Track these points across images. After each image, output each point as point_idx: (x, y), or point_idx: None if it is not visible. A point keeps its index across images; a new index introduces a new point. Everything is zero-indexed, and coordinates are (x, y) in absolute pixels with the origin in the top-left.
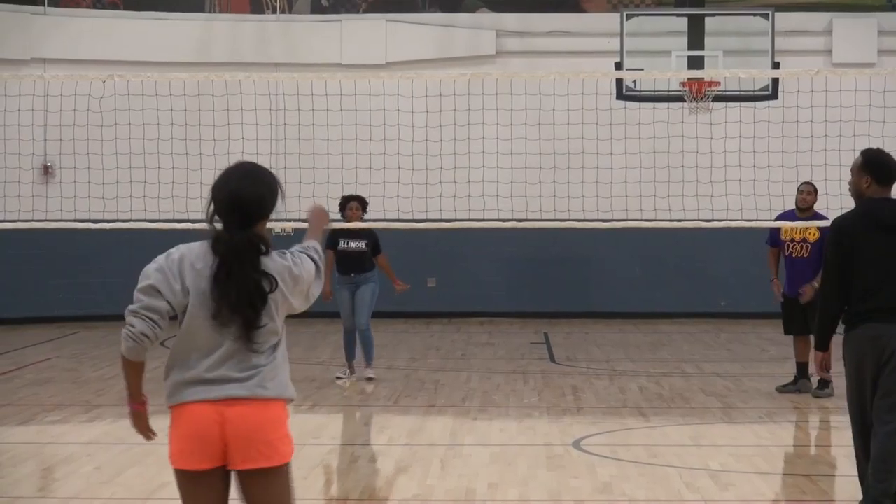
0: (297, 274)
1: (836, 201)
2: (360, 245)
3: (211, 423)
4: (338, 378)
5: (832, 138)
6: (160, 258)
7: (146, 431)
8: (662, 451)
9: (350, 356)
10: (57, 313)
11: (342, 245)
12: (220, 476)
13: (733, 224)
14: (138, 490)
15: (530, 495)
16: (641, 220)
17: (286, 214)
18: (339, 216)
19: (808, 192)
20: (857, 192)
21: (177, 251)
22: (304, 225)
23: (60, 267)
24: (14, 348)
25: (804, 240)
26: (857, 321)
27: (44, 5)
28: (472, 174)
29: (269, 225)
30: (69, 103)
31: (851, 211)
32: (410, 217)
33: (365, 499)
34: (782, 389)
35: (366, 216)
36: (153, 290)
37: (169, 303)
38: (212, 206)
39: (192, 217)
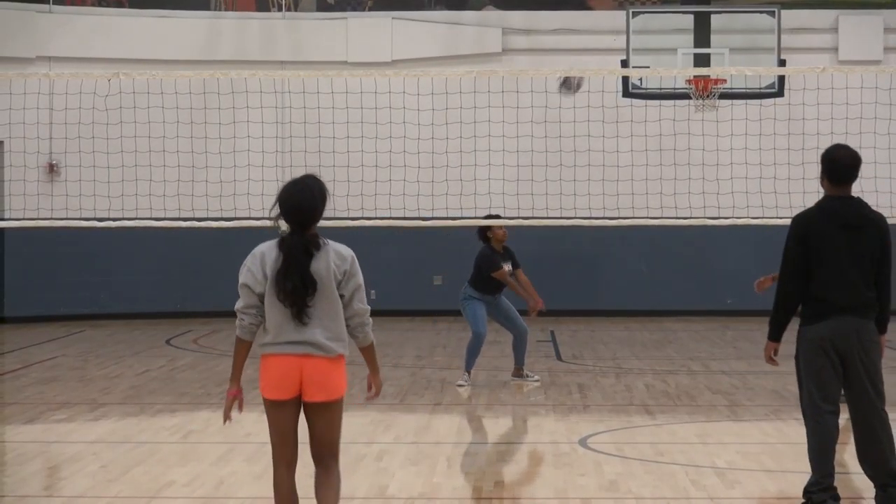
0: (347, 295)
1: None
2: (510, 268)
3: (289, 369)
4: (459, 385)
5: (838, 135)
6: (247, 259)
7: (226, 413)
8: (669, 449)
9: (470, 364)
10: (63, 312)
11: (504, 268)
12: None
13: (739, 222)
14: (144, 488)
15: (537, 493)
16: (648, 217)
17: None
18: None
19: None
20: (821, 184)
21: (258, 249)
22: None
23: (66, 265)
24: (20, 347)
25: None
26: (816, 317)
27: (49, 3)
28: (478, 171)
29: (276, 224)
30: (75, 101)
31: (811, 207)
32: (417, 214)
33: (371, 497)
34: None
35: (368, 214)
36: (246, 288)
37: (258, 294)
38: (277, 210)
39: (197, 215)
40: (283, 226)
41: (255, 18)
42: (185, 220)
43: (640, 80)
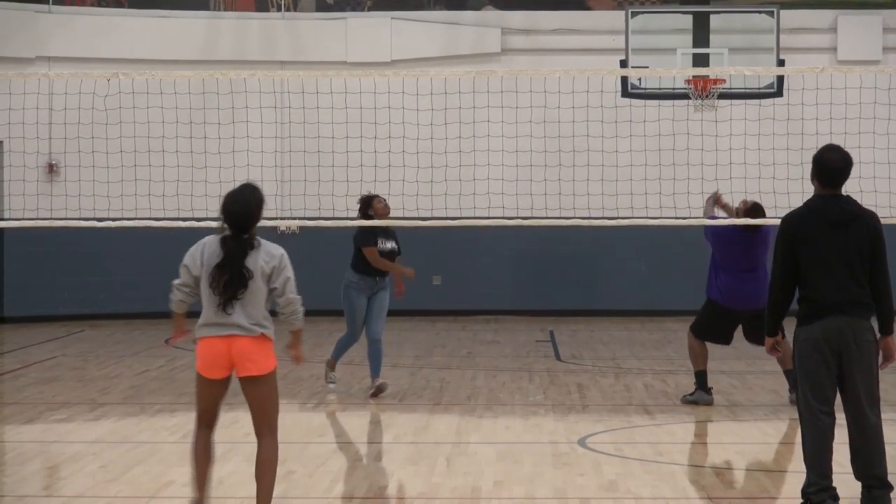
0: (278, 287)
1: None
2: (392, 245)
3: (219, 350)
4: (330, 384)
5: (837, 136)
6: (193, 246)
7: (175, 338)
8: (668, 449)
9: (338, 355)
10: (62, 312)
11: (380, 244)
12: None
13: (739, 221)
14: (144, 488)
15: (536, 493)
16: (647, 217)
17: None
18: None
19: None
20: (812, 183)
21: (203, 241)
22: (310, 224)
23: (66, 265)
24: (19, 346)
25: None
26: (809, 318)
27: (49, 3)
28: (477, 172)
29: (275, 224)
30: (74, 101)
31: (801, 206)
32: (416, 215)
33: (370, 497)
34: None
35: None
36: (185, 268)
37: (195, 276)
38: (222, 218)
39: (196, 215)
40: (226, 228)
41: (254, 18)
42: (184, 220)
43: (640, 80)
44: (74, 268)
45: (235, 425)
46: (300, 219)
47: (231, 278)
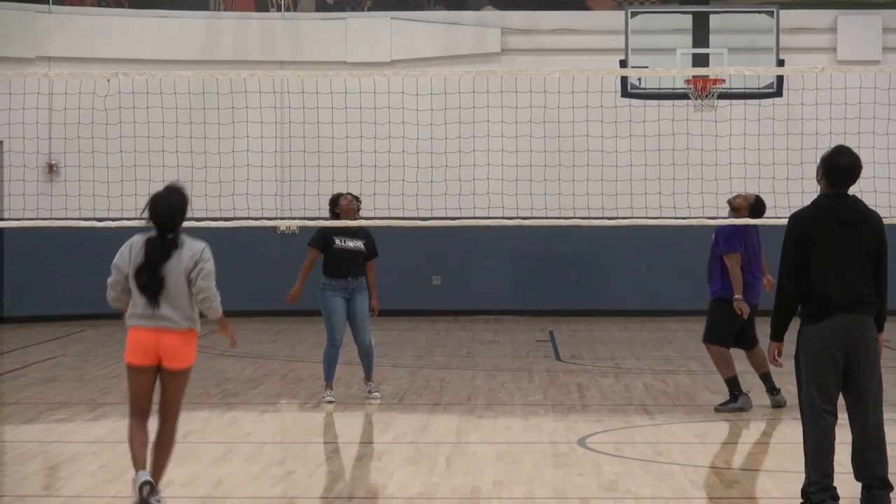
0: (194, 277)
1: None
2: (357, 244)
3: (146, 340)
4: (328, 402)
5: (837, 136)
6: (123, 245)
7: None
8: (668, 449)
9: (331, 375)
10: (62, 312)
11: (338, 243)
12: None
13: (738, 221)
14: None
15: (535, 493)
16: (646, 217)
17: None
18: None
19: (743, 198)
20: (817, 182)
21: (132, 240)
22: (309, 223)
23: (65, 265)
24: (19, 346)
25: None
26: (816, 316)
27: (49, 3)
28: (477, 172)
29: (275, 224)
30: (74, 101)
31: (809, 205)
32: (416, 215)
33: (370, 497)
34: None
35: (366, 214)
36: (116, 268)
37: (125, 274)
38: (147, 217)
39: (196, 215)
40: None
41: (254, 18)
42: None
43: (639, 80)
44: (74, 268)
45: (235, 425)
46: (300, 219)
47: (149, 281)
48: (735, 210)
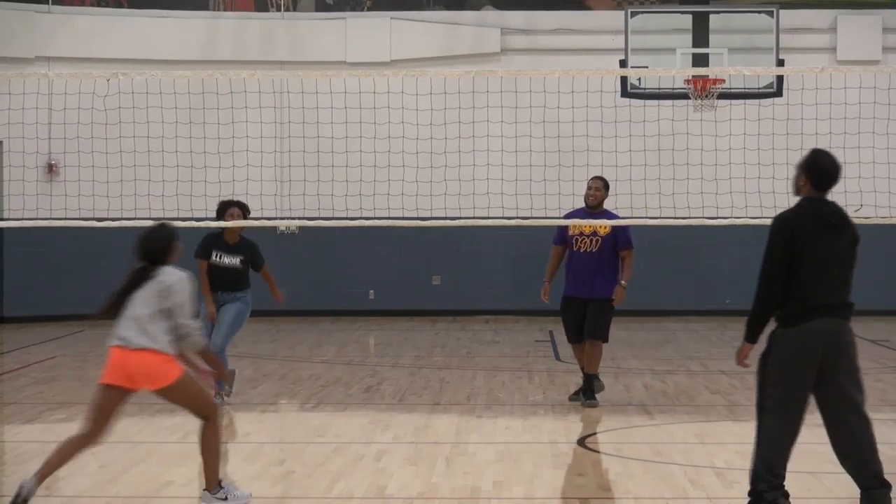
0: (169, 306)
1: (840, 199)
2: (233, 261)
3: (115, 359)
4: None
5: (837, 135)
6: None
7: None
8: (667, 449)
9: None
10: (62, 311)
11: (213, 258)
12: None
13: (738, 222)
14: (143, 488)
15: (535, 493)
16: (646, 217)
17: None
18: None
19: (596, 188)
20: (795, 187)
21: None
22: (310, 224)
23: (65, 265)
24: (19, 346)
25: (594, 233)
26: (797, 318)
27: (48, 3)
28: (476, 172)
29: (274, 224)
30: (74, 101)
31: (794, 207)
32: (415, 215)
33: (370, 497)
34: (574, 398)
35: (366, 214)
36: None
37: None
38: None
39: (196, 215)
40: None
41: (253, 18)
42: (184, 219)
43: (639, 80)
44: (74, 268)
45: (235, 425)
46: (300, 219)
47: (108, 307)
48: None
